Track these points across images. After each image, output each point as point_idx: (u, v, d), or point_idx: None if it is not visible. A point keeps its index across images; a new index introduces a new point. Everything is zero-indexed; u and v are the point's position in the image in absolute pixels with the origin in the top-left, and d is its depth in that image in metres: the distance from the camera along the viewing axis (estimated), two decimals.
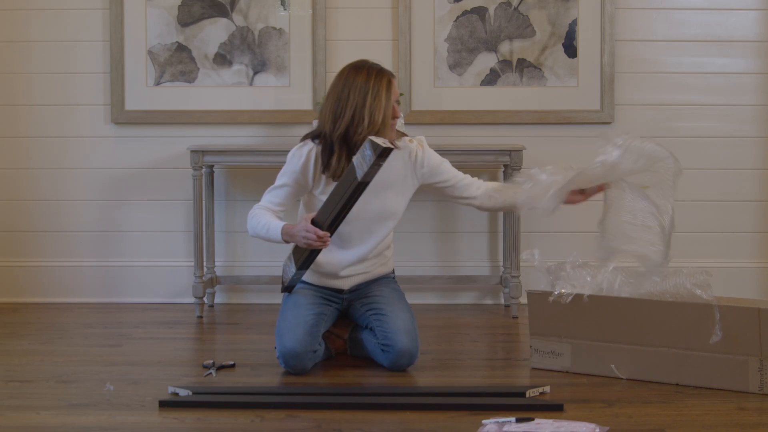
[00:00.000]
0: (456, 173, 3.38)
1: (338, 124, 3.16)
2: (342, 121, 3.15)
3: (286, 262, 3.30)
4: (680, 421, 2.70)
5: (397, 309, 3.30)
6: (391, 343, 3.21)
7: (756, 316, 2.91)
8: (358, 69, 3.21)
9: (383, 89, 3.17)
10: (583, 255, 4.41)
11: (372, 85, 3.17)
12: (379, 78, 3.18)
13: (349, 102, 3.16)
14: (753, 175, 4.49)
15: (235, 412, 2.78)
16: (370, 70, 3.20)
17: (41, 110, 4.49)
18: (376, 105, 3.15)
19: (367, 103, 3.14)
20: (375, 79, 3.18)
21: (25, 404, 2.87)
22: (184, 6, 4.42)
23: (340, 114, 3.16)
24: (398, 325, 3.23)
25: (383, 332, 3.25)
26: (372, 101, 3.15)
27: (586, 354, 3.15)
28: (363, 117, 3.14)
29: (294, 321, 3.22)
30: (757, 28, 4.44)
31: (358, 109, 3.14)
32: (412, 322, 3.28)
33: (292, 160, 3.25)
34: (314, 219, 3.11)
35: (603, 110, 4.43)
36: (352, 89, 3.17)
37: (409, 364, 3.24)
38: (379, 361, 3.29)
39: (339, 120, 3.16)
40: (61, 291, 4.51)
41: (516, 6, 4.41)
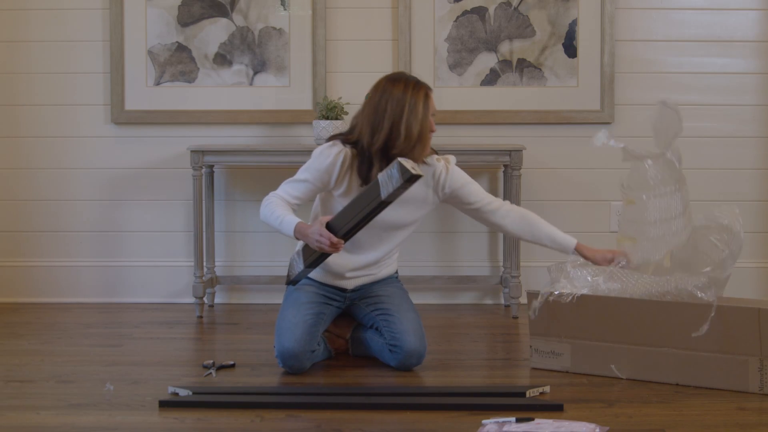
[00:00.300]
0: (482, 197, 3.34)
1: (376, 138, 3.12)
2: (380, 134, 3.11)
3: (294, 257, 3.27)
4: (680, 421, 2.70)
5: (404, 309, 3.32)
6: (399, 343, 3.22)
7: (756, 316, 2.91)
8: (395, 81, 3.18)
9: (420, 102, 3.13)
10: None
11: (409, 97, 3.13)
12: (416, 91, 3.14)
13: (387, 114, 3.12)
14: (753, 175, 4.49)
15: (235, 412, 2.78)
16: (407, 83, 3.16)
17: (41, 110, 4.49)
18: (413, 118, 3.11)
19: (404, 117, 3.11)
20: (412, 91, 3.14)
21: (25, 404, 2.87)
22: (184, 6, 4.42)
23: (378, 127, 3.12)
24: (406, 326, 3.24)
25: (391, 333, 3.25)
26: (409, 114, 3.11)
27: (586, 354, 3.15)
28: (400, 130, 3.10)
29: (293, 320, 3.22)
30: (757, 28, 4.44)
31: (396, 123, 3.11)
32: (419, 322, 3.30)
33: (319, 158, 3.20)
34: (329, 223, 3.07)
35: (603, 110, 4.43)
36: (390, 101, 3.13)
37: (416, 364, 3.25)
38: (386, 361, 3.29)
39: (377, 133, 3.12)
40: (61, 291, 4.51)
41: (516, 6, 4.41)
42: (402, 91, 3.14)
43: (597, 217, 4.50)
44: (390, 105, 3.12)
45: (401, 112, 3.11)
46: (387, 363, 3.29)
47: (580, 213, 4.50)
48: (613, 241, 4.47)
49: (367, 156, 3.16)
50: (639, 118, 4.46)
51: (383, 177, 2.96)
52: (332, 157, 3.18)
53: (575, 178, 4.48)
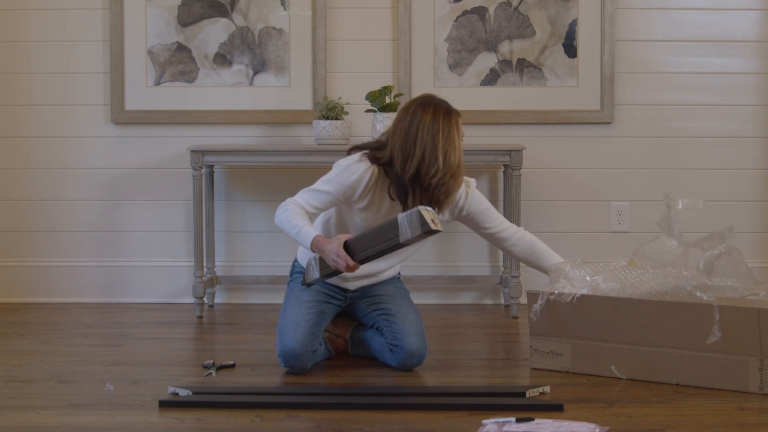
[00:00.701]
0: (498, 223, 3.32)
1: (408, 165, 3.07)
2: (412, 162, 3.07)
3: (312, 263, 3.22)
4: (680, 421, 2.70)
5: (405, 309, 3.32)
6: (400, 343, 3.22)
7: (756, 316, 2.91)
8: (425, 106, 3.11)
9: (454, 130, 3.09)
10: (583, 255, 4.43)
11: (441, 125, 3.08)
12: (447, 118, 3.09)
13: (418, 141, 3.06)
14: (753, 175, 4.49)
15: (235, 412, 2.78)
16: (437, 109, 3.11)
17: (41, 110, 4.49)
18: (449, 147, 3.07)
19: (439, 145, 3.06)
20: (444, 118, 3.09)
21: (25, 404, 2.87)
22: (184, 6, 4.42)
23: (410, 154, 3.07)
24: (407, 326, 3.24)
25: (392, 333, 3.25)
26: (445, 143, 3.06)
27: (586, 354, 3.15)
28: (435, 158, 3.05)
29: (295, 320, 3.22)
30: (757, 28, 4.44)
31: (428, 150, 3.05)
32: (420, 323, 3.30)
33: (345, 173, 3.14)
34: (348, 243, 3.03)
35: (603, 110, 4.43)
36: (420, 127, 3.07)
37: (417, 365, 3.25)
38: (386, 360, 3.29)
39: (409, 161, 3.07)
40: (61, 291, 4.51)
41: (516, 6, 4.41)
42: (432, 117, 3.08)
43: (597, 217, 4.50)
44: (421, 131, 3.07)
45: (433, 139, 3.06)
46: (387, 363, 3.29)
47: (580, 213, 4.50)
48: (612, 241, 4.49)
49: (401, 183, 3.11)
50: (639, 118, 4.46)
51: (403, 220, 2.92)
52: (359, 173, 3.13)
53: (575, 178, 4.48)
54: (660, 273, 3.10)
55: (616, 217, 4.49)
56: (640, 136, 4.48)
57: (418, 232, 2.90)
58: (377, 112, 4.13)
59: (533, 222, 4.45)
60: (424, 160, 3.05)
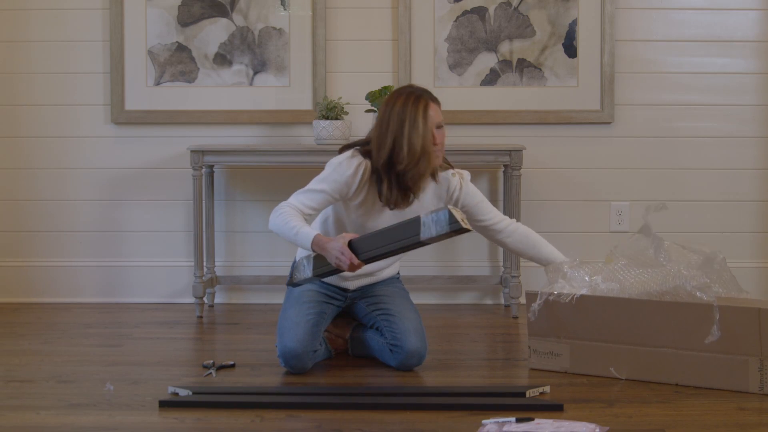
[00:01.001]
0: (492, 215, 3.33)
1: (381, 153, 3.12)
2: (384, 149, 3.12)
3: (303, 262, 3.23)
4: (680, 421, 2.70)
5: (405, 309, 3.32)
6: (400, 343, 3.22)
7: (756, 316, 2.91)
8: (399, 95, 3.16)
9: (419, 115, 3.11)
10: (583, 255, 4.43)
11: (408, 111, 3.11)
12: (415, 104, 3.12)
13: (389, 129, 3.12)
14: (753, 175, 4.49)
15: (235, 412, 2.78)
16: (409, 96, 3.14)
17: (41, 110, 4.49)
18: (413, 132, 3.10)
19: (405, 131, 3.09)
20: (412, 105, 3.12)
21: (25, 404, 2.87)
22: (184, 6, 4.42)
23: (383, 143, 3.12)
24: (407, 326, 3.24)
25: (392, 333, 3.25)
26: (410, 129, 3.10)
27: (585, 354, 3.15)
28: (402, 145, 3.09)
29: (295, 320, 3.22)
30: (757, 28, 4.44)
31: (397, 138, 3.10)
32: (420, 323, 3.30)
33: (339, 170, 3.17)
34: (353, 243, 3.04)
35: (603, 110, 4.43)
36: (392, 116, 3.12)
37: (417, 365, 3.25)
38: (386, 361, 3.29)
39: (381, 149, 3.12)
40: (62, 291, 4.51)
41: (516, 6, 4.41)
42: (402, 105, 3.13)
43: (597, 217, 4.50)
44: (392, 120, 3.12)
45: (401, 127, 3.10)
46: (387, 363, 3.29)
47: (580, 213, 4.50)
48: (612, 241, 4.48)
49: (377, 170, 3.16)
50: (639, 118, 4.46)
51: (428, 219, 2.93)
52: (353, 168, 3.16)
53: (575, 178, 4.48)
54: (659, 272, 3.10)
55: (616, 217, 4.49)
56: (640, 136, 4.48)
57: (446, 230, 2.90)
58: (377, 112, 4.13)
59: (533, 222, 4.45)
60: (394, 147, 3.10)
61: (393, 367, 3.26)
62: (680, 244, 3.21)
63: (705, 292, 3.02)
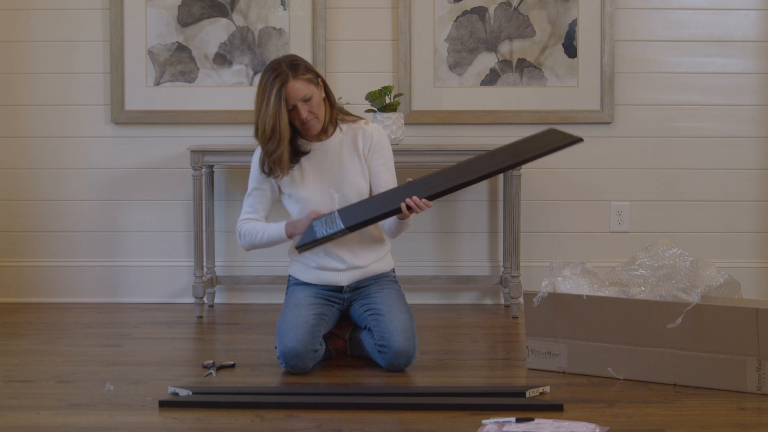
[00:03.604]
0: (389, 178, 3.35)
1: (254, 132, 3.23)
2: (254, 130, 3.23)
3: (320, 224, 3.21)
4: (680, 421, 2.70)
5: (395, 309, 3.28)
6: (387, 343, 3.21)
7: (754, 317, 2.92)
8: (264, 71, 3.21)
9: (273, 95, 3.13)
10: (583, 255, 4.43)
11: (266, 90, 3.15)
12: (272, 82, 3.14)
13: (255, 107, 3.20)
14: (753, 175, 4.49)
15: (235, 412, 2.78)
16: (269, 74, 3.17)
17: (41, 110, 4.49)
18: (265, 113, 3.15)
19: (260, 112, 3.17)
20: (270, 83, 3.15)
21: (25, 404, 2.87)
22: (184, 6, 4.42)
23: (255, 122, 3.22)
24: (395, 326, 3.22)
25: (380, 333, 3.24)
26: (264, 109, 3.15)
27: (583, 354, 3.15)
28: (257, 126, 3.19)
29: (294, 321, 3.22)
30: (757, 28, 4.44)
31: (256, 117, 3.19)
32: (409, 323, 3.26)
33: (253, 164, 3.35)
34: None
35: (603, 110, 4.43)
36: (256, 94, 3.20)
37: (406, 365, 3.23)
38: (377, 361, 3.29)
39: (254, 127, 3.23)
40: (61, 291, 4.51)
41: (516, 6, 4.41)
42: (263, 82, 3.18)
43: (597, 217, 4.50)
44: (256, 99, 3.20)
45: (259, 106, 3.17)
46: (378, 363, 3.28)
47: (580, 213, 4.50)
48: (612, 241, 4.49)
49: None
50: (639, 118, 4.46)
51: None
52: (254, 159, 3.34)
53: (575, 178, 4.48)
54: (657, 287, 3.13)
55: (616, 217, 4.49)
56: (640, 136, 4.48)
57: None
58: (377, 112, 4.13)
59: (533, 222, 4.46)
60: (256, 126, 3.20)
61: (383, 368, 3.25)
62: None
63: (689, 293, 3.03)
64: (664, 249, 3.23)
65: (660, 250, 3.24)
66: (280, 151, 3.19)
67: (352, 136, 3.33)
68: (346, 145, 3.33)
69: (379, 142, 3.34)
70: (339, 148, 3.32)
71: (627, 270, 3.23)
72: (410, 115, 4.41)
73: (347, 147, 3.33)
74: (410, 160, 4.10)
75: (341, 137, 3.33)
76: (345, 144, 3.33)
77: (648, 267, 3.20)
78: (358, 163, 3.32)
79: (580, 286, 3.19)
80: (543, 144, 3.13)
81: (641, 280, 3.18)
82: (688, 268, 3.13)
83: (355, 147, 3.33)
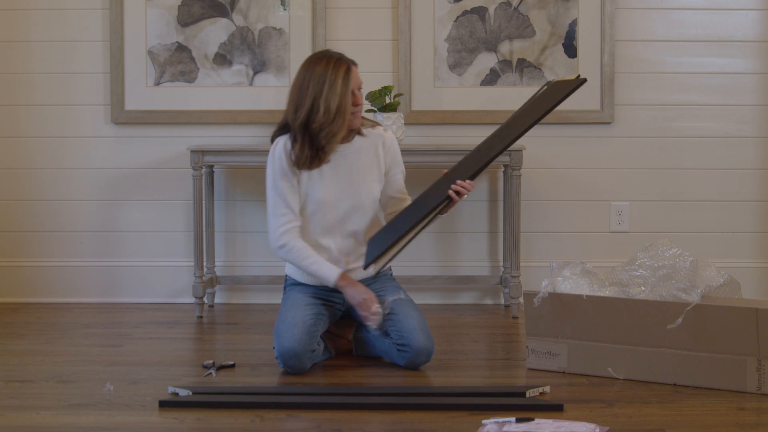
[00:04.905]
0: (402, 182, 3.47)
1: (299, 113, 3.24)
2: (302, 110, 3.24)
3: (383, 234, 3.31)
4: (680, 421, 2.70)
5: (407, 307, 3.32)
6: (407, 342, 3.22)
7: (754, 316, 2.92)
8: (319, 59, 3.28)
9: (340, 78, 3.23)
10: (583, 255, 4.43)
11: (330, 73, 3.23)
12: (337, 66, 3.24)
13: (309, 91, 3.23)
14: (753, 175, 4.49)
15: (235, 412, 2.78)
16: (329, 59, 3.27)
17: (41, 110, 4.49)
18: (331, 93, 3.21)
19: (323, 92, 3.21)
20: (333, 67, 3.24)
21: (25, 404, 2.87)
22: (184, 6, 4.42)
23: (301, 103, 3.24)
24: (412, 324, 3.24)
25: (398, 332, 3.25)
26: (328, 90, 3.21)
27: (583, 354, 3.15)
28: (319, 105, 3.21)
29: (292, 321, 3.22)
30: (757, 28, 4.44)
31: (316, 98, 3.22)
32: (423, 320, 3.30)
33: (273, 162, 3.32)
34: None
35: (603, 110, 4.43)
36: (312, 79, 3.24)
37: (426, 362, 3.25)
38: (394, 360, 3.29)
39: (300, 109, 3.24)
40: (61, 291, 4.51)
41: (516, 6, 4.41)
42: (323, 67, 3.24)
43: (597, 217, 4.50)
44: (312, 82, 3.24)
45: (321, 88, 3.22)
46: (395, 362, 3.29)
47: (580, 213, 4.50)
48: (612, 241, 4.49)
49: (293, 132, 3.28)
50: (639, 118, 4.46)
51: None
52: (277, 151, 3.31)
53: (575, 178, 4.48)
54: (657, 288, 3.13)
55: (616, 217, 4.49)
56: (640, 136, 4.48)
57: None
58: (377, 112, 4.14)
59: (533, 222, 4.46)
60: (312, 107, 3.22)
61: (401, 367, 3.25)
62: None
63: (689, 293, 3.03)
64: (664, 249, 3.23)
65: (660, 250, 3.24)
66: (342, 132, 3.26)
67: (373, 143, 3.39)
68: (366, 151, 3.37)
69: (398, 153, 3.46)
70: (359, 153, 3.36)
71: (627, 270, 3.24)
72: (410, 115, 4.41)
73: (368, 153, 3.38)
74: (410, 160, 4.09)
75: (362, 142, 3.37)
76: (366, 150, 3.37)
77: (648, 267, 3.20)
78: (376, 171, 3.38)
79: (580, 286, 3.19)
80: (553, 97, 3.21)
81: (641, 280, 3.19)
82: (688, 268, 3.13)
83: (376, 155, 3.39)
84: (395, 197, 3.46)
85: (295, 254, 3.28)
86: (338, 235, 3.35)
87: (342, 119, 3.23)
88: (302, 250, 3.28)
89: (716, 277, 3.13)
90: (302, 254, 3.28)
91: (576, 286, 3.19)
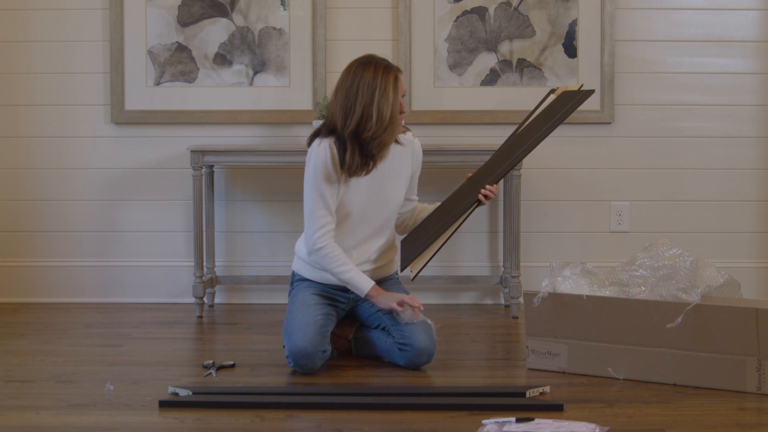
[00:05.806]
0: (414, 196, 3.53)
1: (349, 121, 3.20)
2: (352, 118, 3.19)
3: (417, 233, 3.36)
4: (680, 421, 2.70)
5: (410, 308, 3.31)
6: (409, 342, 3.22)
7: (754, 317, 2.92)
8: (366, 64, 3.24)
9: (390, 85, 3.21)
10: (583, 255, 4.43)
11: (380, 81, 3.20)
12: (386, 74, 3.22)
13: (358, 98, 3.19)
14: (753, 175, 4.49)
15: (235, 412, 2.78)
16: (378, 66, 3.24)
17: (41, 110, 4.49)
18: (384, 102, 3.19)
19: (375, 100, 3.18)
20: (383, 75, 3.22)
21: (25, 404, 2.87)
22: (184, 6, 4.42)
23: (351, 110, 3.20)
24: (415, 324, 3.25)
25: (400, 332, 3.25)
26: (380, 98, 3.19)
27: (583, 354, 3.15)
28: (372, 114, 3.17)
29: (303, 320, 3.21)
30: (757, 28, 4.44)
31: (367, 106, 3.18)
32: (426, 320, 3.30)
33: (315, 165, 3.24)
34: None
35: (603, 110, 4.43)
36: (361, 85, 3.20)
37: (427, 362, 3.25)
38: (395, 360, 3.29)
39: (349, 117, 3.20)
40: (61, 291, 4.51)
41: (516, 6, 4.41)
42: (372, 74, 3.22)
43: (597, 217, 4.50)
44: (361, 89, 3.20)
45: (372, 95, 3.19)
46: (396, 362, 3.29)
47: (580, 213, 4.50)
48: (612, 241, 4.49)
49: (341, 139, 3.24)
50: (639, 118, 4.46)
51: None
52: (323, 154, 3.23)
53: (575, 178, 4.48)
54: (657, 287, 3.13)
55: (616, 217, 4.49)
56: (640, 136, 4.48)
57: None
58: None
59: (533, 222, 4.46)
60: (363, 115, 3.19)
61: (401, 367, 3.26)
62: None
63: (688, 293, 3.03)
64: (664, 249, 3.23)
65: (660, 250, 3.24)
66: (392, 141, 3.27)
67: (406, 151, 3.41)
68: (399, 159, 3.37)
69: (421, 157, 3.49)
70: (393, 161, 3.35)
71: (627, 270, 3.24)
72: (410, 115, 4.41)
73: (401, 161, 3.38)
74: None
75: (397, 150, 3.37)
76: (399, 157, 3.37)
77: (648, 267, 3.20)
78: (405, 178, 3.41)
79: (580, 286, 3.19)
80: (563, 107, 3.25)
81: (641, 280, 3.19)
82: (688, 268, 3.13)
83: (408, 163, 3.41)
84: (407, 199, 3.49)
85: (330, 260, 3.25)
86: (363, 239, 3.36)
87: (393, 128, 3.22)
88: (338, 258, 3.25)
89: (716, 277, 3.13)
90: (338, 261, 3.25)
91: (576, 286, 3.19)
